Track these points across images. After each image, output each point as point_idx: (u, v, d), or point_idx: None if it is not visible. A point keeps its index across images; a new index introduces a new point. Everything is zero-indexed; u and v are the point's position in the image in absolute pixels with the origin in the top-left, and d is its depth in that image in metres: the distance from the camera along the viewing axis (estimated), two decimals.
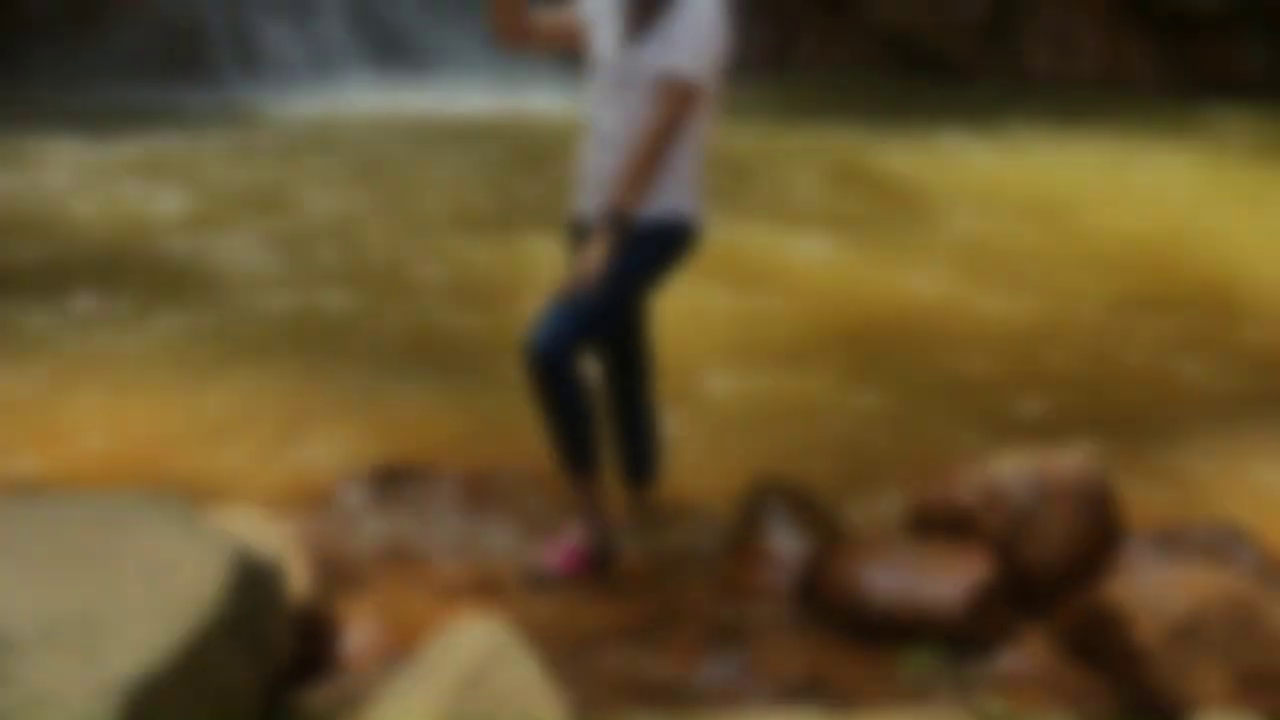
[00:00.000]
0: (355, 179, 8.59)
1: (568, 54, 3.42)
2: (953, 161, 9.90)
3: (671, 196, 3.17)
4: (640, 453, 3.61)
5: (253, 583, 2.35)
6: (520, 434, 4.09)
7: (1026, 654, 3.01)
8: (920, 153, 10.25)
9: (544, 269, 5.48)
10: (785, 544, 3.31)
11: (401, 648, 2.89)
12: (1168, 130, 11.52)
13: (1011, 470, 3.29)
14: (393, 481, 3.83)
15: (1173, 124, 11.94)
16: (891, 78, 16.54)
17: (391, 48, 15.36)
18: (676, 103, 3.07)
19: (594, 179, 3.24)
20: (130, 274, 6.09)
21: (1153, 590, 2.86)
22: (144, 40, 13.49)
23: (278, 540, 2.86)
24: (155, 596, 2.18)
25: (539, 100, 12.64)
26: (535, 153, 9.86)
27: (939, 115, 12.35)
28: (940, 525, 3.32)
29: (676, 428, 4.18)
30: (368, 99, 13.12)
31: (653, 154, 3.07)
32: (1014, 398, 4.71)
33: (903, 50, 16.87)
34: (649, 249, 3.16)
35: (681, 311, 5.39)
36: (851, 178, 9.13)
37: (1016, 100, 13.96)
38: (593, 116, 3.26)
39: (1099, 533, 3.26)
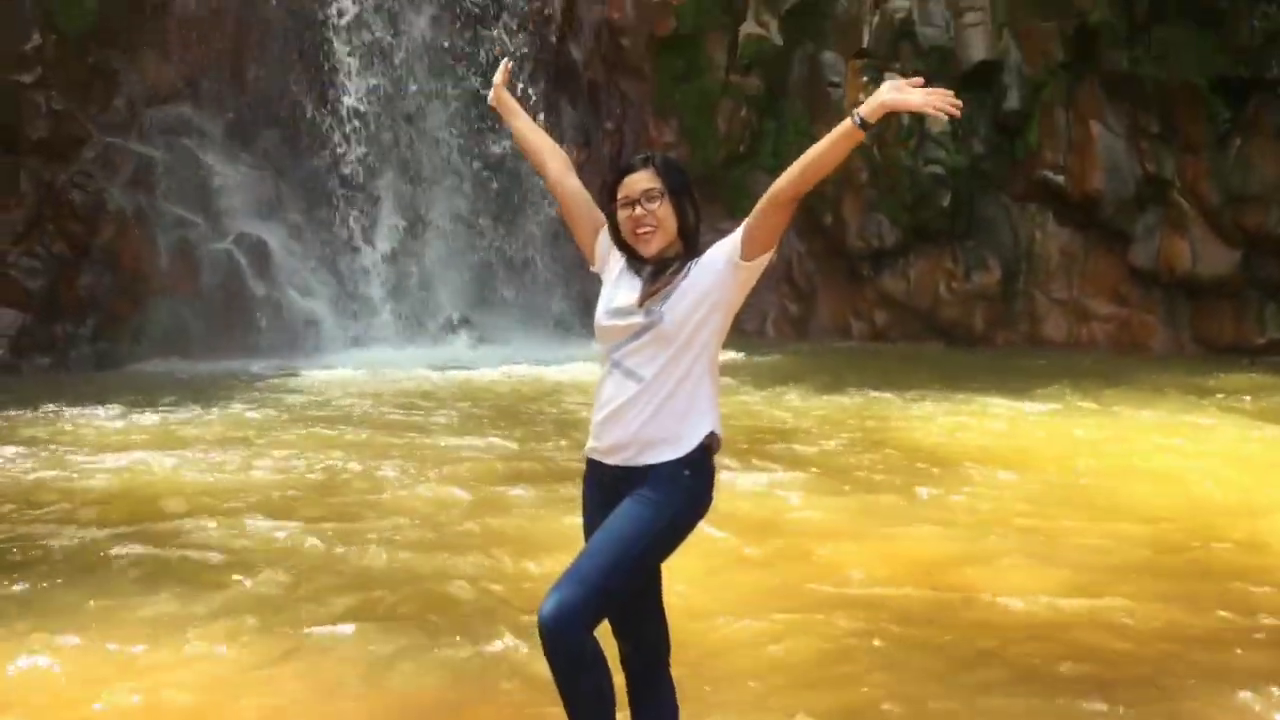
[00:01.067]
0: (384, 449, 8.73)
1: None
2: (970, 425, 10.00)
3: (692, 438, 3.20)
4: None
5: None
6: (539, 711, 4.03)
7: None
8: (938, 417, 10.37)
9: (566, 537, 5.51)
10: None
11: None
12: (1179, 395, 11.65)
13: None
14: None
15: (1183, 389, 12.07)
16: (909, 344, 16.97)
17: (428, 319, 15.96)
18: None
19: (629, 429, 3.22)
20: (143, 551, 5.98)
21: None
22: (185, 315, 14.06)
23: None
24: None
25: (569, 369, 13.01)
26: (560, 419, 10.06)
27: (955, 381, 12.56)
28: None
29: (698, 699, 4.10)
30: (402, 366, 13.46)
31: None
32: (1041, 665, 4.61)
33: (919, 318, 17.37)
34: (662, 514, 3.16)
35: (701, 582, 5.37)
36: (870, 442, 9.21)
37: (1031, 367, 14.22)
38: (619, 366, 3.26)
39: None
